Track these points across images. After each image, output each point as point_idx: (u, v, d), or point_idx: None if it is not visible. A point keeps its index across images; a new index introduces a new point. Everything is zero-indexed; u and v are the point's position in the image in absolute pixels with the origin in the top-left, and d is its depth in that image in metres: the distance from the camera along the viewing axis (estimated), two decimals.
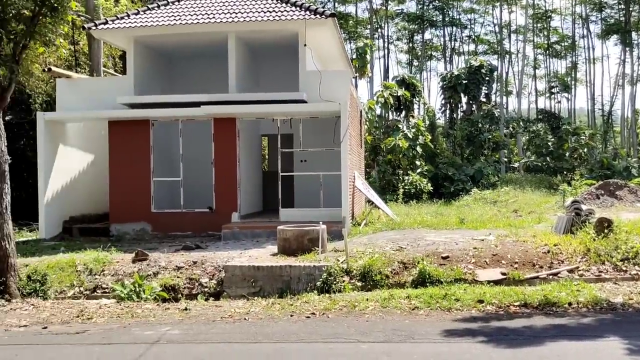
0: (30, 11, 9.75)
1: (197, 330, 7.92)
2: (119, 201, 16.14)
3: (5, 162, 9.86)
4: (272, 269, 10.76)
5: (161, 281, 10.84)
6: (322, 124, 16.72)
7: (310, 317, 8.48)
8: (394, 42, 58.39)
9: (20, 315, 9.16)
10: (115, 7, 23.66)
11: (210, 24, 15.76)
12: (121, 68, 25.88)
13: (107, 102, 16.24)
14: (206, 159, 16.48)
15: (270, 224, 14.97)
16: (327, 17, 15.56)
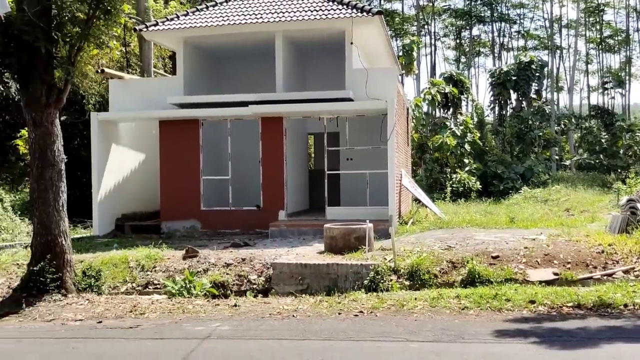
0: (85, 14, 10.03)
1: (246, 327, 8.02)
2: (169, 199, 16.47)
3: (62, 161, 10.18)
4: (319, 267, 10.80)
5: (211, 278, 11.01)
6: (369, 122, 16.67)
7: (358, 316, 8.47)
8: (440, 39, 57.75)
9: (76, 310, 9.45)
10: (165, 9, 24.13)
11: (257, 24, 15.91)
12: (171, 68, 26.38)
13: (157, 102, 16.60)
14: (254, 157, 16.66)
15: (317, 222, 15.02)
16: (374, 14, 15.50)
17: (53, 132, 10.03)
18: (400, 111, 16.97)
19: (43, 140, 9.95)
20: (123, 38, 22.95)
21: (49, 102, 9.96)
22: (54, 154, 10.02)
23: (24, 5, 9.69)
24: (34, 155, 10.06)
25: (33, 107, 9.92)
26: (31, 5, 9.65)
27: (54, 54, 9.95)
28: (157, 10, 23.50)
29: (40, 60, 9.83)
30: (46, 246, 10.04)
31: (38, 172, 9.99)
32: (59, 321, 8.88)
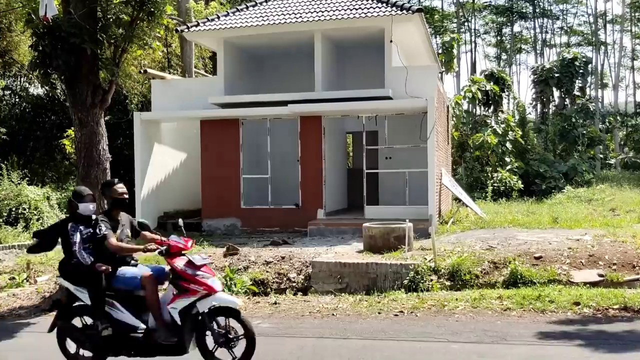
0: (129, 16, 10.25)
1: (287, 325, 8.08)
2: (210, 198, 16.69)
3: (107, 160, 10.42)
4: (359, 266, 10.78)
5: (251, 275, 11.10)
6: (408, 120, 16.56)
7: (398, 315, 8.44)
8: (481, 36, 56.99)
9: None
10: (206, 10, 24.41)
11: (297, 24, 15.98)
12: (211, 68, 26.71)
13: (198, 102, 16.82)
14: (292, 156, 16.74)
15: (356, 221, 15.00)
16: (413, 12, 15.40)
17: (98, 132, 10.28)
18: (440, 109, 16.81)
19: (89, 139, 10.20)
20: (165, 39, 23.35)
21: (95, 102, 10.21)
22: (99, 153, 10.26)
23: (71, 8, 9.97)
24: (80, 154, 10.32)
25: (79, 107, 10.18)
26: (77, 8, 9.92)
27: (99, 55, 10.19)
28: (198, 11, 23.79)
29: (86, 61, 10.09)
30: None
31: (84, 170, 10.25)
32: None
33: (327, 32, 16.45)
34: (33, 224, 15.73)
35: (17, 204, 15.86)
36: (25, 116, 23.72)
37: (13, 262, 13.02)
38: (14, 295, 11.02)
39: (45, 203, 16.68)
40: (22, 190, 16.26)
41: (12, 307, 10.13)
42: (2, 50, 22.03)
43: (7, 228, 15.18)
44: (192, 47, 22.83)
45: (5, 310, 9.97)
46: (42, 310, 9.71)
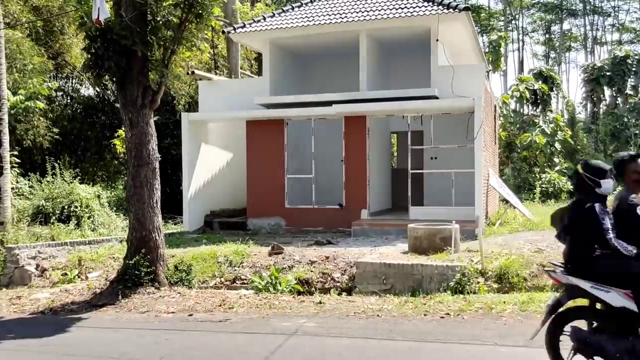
0: (178, 18, 10.41)
1: (331, 324, 8.07)
2: (255, 197, 16.85)
3: (156, 159, 10.61)
4: (404, 267, 10.70)
5: (295, 274, 11.15)
6: (455, 120, 16.36)
7: (445, 317, 8.34)
8: (529, 34, 55.82)
9: (169, 303, 9.83)
10: (252, 11, 24.69)
11: (342, 24, 15.99)
12: (256, 69, 26.96)
13: (244, 102, 17.00)
14: (336, 156, 16.75)
15: (400, 221, 14.91)
16: (460, 11, 15.21)
17: (148, 132, 10.48)
18: (487, 109, 16.55)
19: (139, 139, 10.41)
20: (211, 40, 23.69)
21: (145, 103, 10.41)
22: (149, 153, 10.46)
23: (122, 11, 10.18)
24: (130, 154, 10.54)
25: (130, 108, 10.40)
26: (128, 11, 10.13)
27: (149, 57, 10.38)
28: (244, 13, 24.10)
29: (136, 63, 10.30)
30: (141, 241, 10.50)
31: (134, 170, 10.46)
32: (152, 313, 9.28)
33: (372, 31, 16.40)
34: (84, 222, 16.16)
35: (69, 202, 16.32)
36: (76, 116, 24.40)
37: (65, 259, 13.40)
38: (66, 290, 11.33)
39: (96, 201, 17.12)
40: (74, 189, 16.72)
41: (65, 302, 10.41)
42: (55, 53, 22.70)
43: (60, 225, 15.63)
44: (238, 48, 23.09)
45: (58, 305, 10.26)
46: (93, 305, 9.96)
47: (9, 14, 20.20)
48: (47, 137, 20.06)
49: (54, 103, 23.27)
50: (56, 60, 22.73)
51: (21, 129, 18.82)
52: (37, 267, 13.13)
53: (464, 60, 19.59)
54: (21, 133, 18.92)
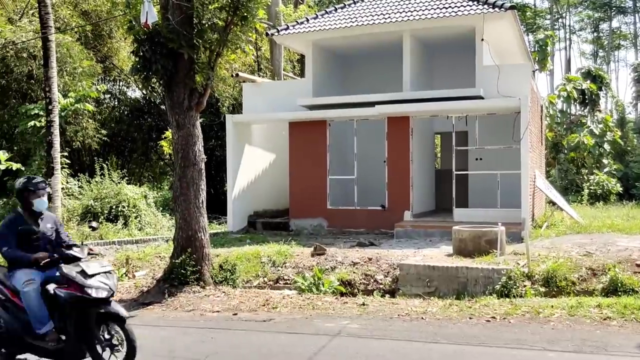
0: (223, 21, 10.53)
1: (375, 326, 8.04)
2: (297, 198, 16.92)
3: (202, 161, 10.77)
4: (448, 270, 10.58)
5: (338, 275, 11.15)
6: (500, 120, 16.09)
7: (490, 321, 8.21)
8: (576, 32, 54.50)
9: (213, 302, 9.96)
10: (295, 13, 24.80)
11: (385, 24, 15.92)
12: (299, 71, 27.09)
13: (287, 104, 17.09)
14: (379, 157, 16.67)
15: (444, 223, 14.76)
16: (506, 10, 14.96)
17: (194, 134, 10.64)
18: (534, 109, 16.23)
19: (185, 141, 10.58)
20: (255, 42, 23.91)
21: (191, 105, 10.58)
22: (195, 154, 10.63)
23: (169, 15, 10.37)
24: (177, 155, 10.72)
25: (176, 110, 10.58)
26: (175, 14, 10.31)
27: (195, 59, 10.54)
28: (287, 15, 24.22)
29: (183, 66, 10.48)
30: (187, 240, 10.67)
31: (181, 171, 10.64)
32: (198, 312, 9.42)
33: (415, 31, 16.29)
34: (131, 221, 16.52)
35: (117, 202, 16.72)
36: (123, 118, 24.95)
37: (113, 257, 13.71)
38: None
39: (143, 201, 17.48)
40: (121, 189, 17.12)
41: None
42: (103, 56, 23.27)
43: (108, 225, 16.03)
44: (281, 50, 23.25)
45: None
46: (140, 303, 10.17)
47: (60, 19, 20.80)
48: (96, 139, 20.56)
49: (102, 105, 23.86)
50: (104, 63, 23.30)
51: (71, 130, 19.35)
52: None
53: (509, 59, 19.27)
54: (71, 135, 19.45)
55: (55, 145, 15.43)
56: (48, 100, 15.51)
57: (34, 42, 18.51)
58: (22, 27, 19.36)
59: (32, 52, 18.77)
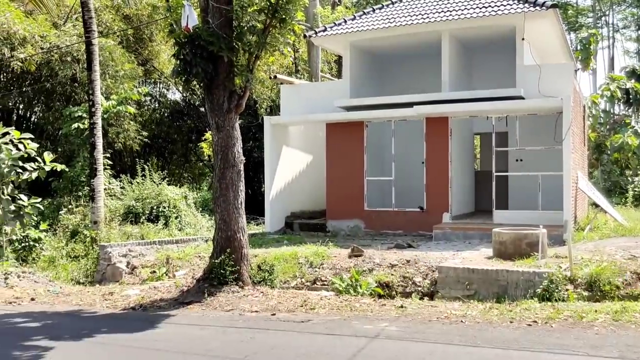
0: (262, 24, 10.62)
1: (414, 329, 7.98)
2: (335, 199, 16.93)
3: (241, 162, 10.87)
4: (488, 273, 10.44)
5: (375, 277, 11.11)
6: (541, 121, 15.81)
7: (532, 325, 8.06)
8: (620, 31, 53.10)
9: (252, 302, 10.03)
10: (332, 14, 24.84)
11: (424, 24, 15.82)
12: (336, 72, 27.11)
13: (324, 105, 17.13)
14: (417, 158, 16.57)
15: (484, 225, 14.58)
16: (548, 8, 14.69)
17: (234, 136, 10.75)
18: (576, 109, 15.89)
19: (225, 143, 10.70)
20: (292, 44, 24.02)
21: (230, 107, 10.69)
22: (234, 156, 10.74)
23: (209, 18, 10.51)
24: (216, 156, 10.85)
25: (216, 112, 10.71)
26: (215, 17, 10.44)
27: (234, 62, 10.65)
28: (324, 16, 24.27)
29: (222, 68, 10.59)
30: (226, 241, 10.78)
31: (220, 172, 10.76)
32: (237, 311, 9.50)
33: (454, 31, 16.13)
34: (172, 222, 16.79)
35: (158, 203, 17.01)
36: (164, 120, 25.38)
37: (154, 257, 13.96)
38: (155, 288, 11.80)
39: (183, 202, 17.75)
40: (162, 190, 17.42)
41: (154, 299, 10.84)
42: (144, 59, 23.71)
43: (149, 225, 16.32)
44: (318, 51, 23.30)
45: (147, 302, 10.70)
46: (180, 303, 10.31)
47: (102, 23, 21.28)
48: (137, 140, 20.96)
49: (143, 107, 24.31)
50: (145, 66, 23.74)
51: (113, 132, 19.77)
52: (128, 264, 13.77)
53: (551, 59, 18.92)
54: (113, 136, 19.87)
55: (98, 146, 15.79)
56: (91, 103, 15.89)
57: (77, 46, 18.98)
58: (66, 32, 19.86)
59: (76, 56, 19.24)
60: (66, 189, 18.12)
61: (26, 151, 14.51)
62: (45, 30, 19.33)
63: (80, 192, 17.51)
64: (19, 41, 18.53)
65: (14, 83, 20.93)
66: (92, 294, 11.93)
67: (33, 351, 7.53)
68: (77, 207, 16.88)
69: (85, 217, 16.25)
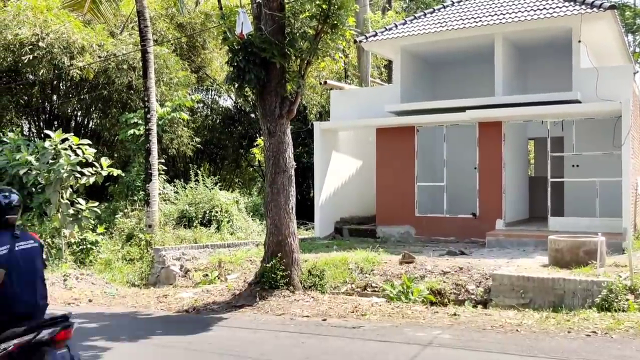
0: (314, 30, 10.68)
1: (468, 337, 7.85)
2: (385, 204, 16.83)
3: (292, 167, 10.95)
4: (544, 281, 10.17)
5: (427, 284, 10.97)
6: (599, 125, 15.34)
7: (591, 336, 7.81)
8: None
9: (303, 306, 10.07)
10: (383, 19, 24.78)
11: (477, 28, 15.59)
12: (386, 77, 27.00)
13: (374, 110, 17.08)
14: (469, 164, 16.31)
15: (538, 232, 14.24)
16: (605, 9, 14.28)
17: (285, 141, 10.84)
18: (635, 112, 15.35)
19: (276, 148, 10.80)
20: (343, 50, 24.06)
21: (282, 113, 10.79)
22: (285, 161, 10.82)
23: (262, 25, 10.65)
24: (268, 162, 10.96)
25: (268, 118, 10.82)
26: (268, 24, 10.57)
27: (286, 68, 10.74)
28: (375, 21, 24.23)
29: (274, 75, 10.71)
30: (277, 245, 10.87)
31: (271, 177, 10.86)
32: (288, 316, 9.55)
33: (508, 34, 15.86)
34: (223, 226, 17.02)
35: (211, 207, 17.29)
36: (215, 127, 25.79)
37: (206, 260, 14.18)
38: (208, 291, 11.98)
39: (235, 206, 17.98)
40: (214, 195, 17.69)
41: (207, 302, 11.01)
42: (197, 67, 24.18)
43: (202, 229, 16.59)
44: (368, 56, 23.26)
45: (200, 305, 10.88)
46: (233, 306, 10.44)
47: (157, 32, 21.82)
48: (190, 146, 21.36)
49: (196, 114, 24.77)
50: (198, 73, 24.19)
51: (167, 138, 20.20)
52: (181, 267, 14.03)
53: (608, 61, 18.36)
54: (167, 142, 20.31)
55: (153, 152, 16.17)
56: (146, 110, 16.29)
57: (133, 54, 19.51)
58: (123, 40, 20.45)
59: (132, 64, 19.77)
60: (122, 193, 18.61)
61: (84, 156, 15.04)
62: (102, 39, 19.96)
63: (136, 196, 17.95)
64: (78, 50, 19.18)
65: (72, 91, 21.66)
66: (147, 296, 12.21)
67: (91, 351, 7.74)
68: (133, 211, 17.31)
69: (140, 221, 16.65)
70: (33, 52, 18.48)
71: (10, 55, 19.05)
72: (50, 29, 18.86)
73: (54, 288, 13.01)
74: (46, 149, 15.01)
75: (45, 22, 18.97)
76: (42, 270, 5.00)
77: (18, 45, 18.64)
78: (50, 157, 14.93)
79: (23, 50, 18.49)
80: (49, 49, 18.65)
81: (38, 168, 14.90)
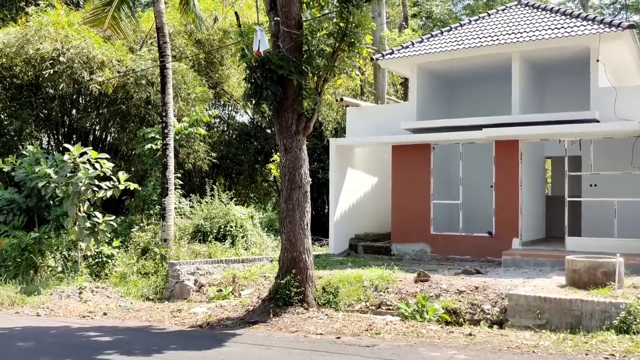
0: (331, 47, 10.76)
1: (484, 358, 7.76)
2: (400, 222, 16.77)
3: (308, 183, 10.98)
4: (561, 302, 10.04)
5: (442, 303, 10.89)
6: (617, 144, 15.21)
7: (609, 359, 7.70)
8: None
9: (317, 324, 10.03)
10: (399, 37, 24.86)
11: (493, 46, 15.59)
12: (402, 94, 27.03)
13: (390, 127, 17.09)
14: (485, 182, 16.23)
15: (555, 252, 14.08)
16: (624, 29, 14.23)
17: (301, 157, 10.88)
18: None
19: (292, 164, 10.84)
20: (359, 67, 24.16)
21: (298, 129, 10.85)
22: (301, 177, 10.85)
23: (279, 42, 10.74)
24: (284, 178, 11.00)
25: (284, 134, 10.88)
26: (285, 42, 10.67)
27: (303, 85, 10.81)
28: (391, 39, 24.32)
29: (291, 92, 10.78)
30: (292, 261, 10.86)
31: (287, 193, 10.89)
32: (302, 333, 9.52)
33: (525, 53, 15.84)
34: (238, 241, 17.03)
35: (226, 222, 17.31)
36: (232, 142, 25.91)
37: (221, 275, 14.19)
38: (221, 306, 11.99)
39: (249, 222, 17.99)
40: (230, 210, 17.72)
41: (220, 318, 11.01)
42: (214, 82, 24.37)
43: (217, 244, 16.61)
44: (385, 74, 23.34)
45: (214, 320, 10.88)
46: (246, 322, 10.42)
47: (176, 48, 22.05)
48: (206, 161, 21.46)
49: (212, 129, 24.91)
50: (215, 89, 24.37)
51: (183, 153, 20.32)
52: (196, 282, 14.05)
53: (627, 80, 18.24)
54: (183, 157, 20.43)
55: (169, 166, 16.26)
56: (164, 125, 16.42)
57: (152, 69, 19.72)
58: (142, 56, 20.67)
59: (150, 79, 19.97)
60: (138, 207, 18.71)
61: (102, 170, 15.18)
62: (122, 54, 20.20)
63: (152, 210, 18.02)
64: (97, 65, 19.43)
65: (92, 105, 21.91)
66: (161, 311, 12.24)
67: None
68: (148, 225, 17.39)
69: (155, 235, 16.72)
70: (54, 66, 18.74)
71: (31, 70, 19.34)
72: (71, 44, 19.13)
73: (70, 301, 13.10)
74: (65, 162, 15.17)
75: (66, 38, 19.25)
76: None
77: (39, 60, 18.92)
78: (69, 171, 15.08)
79: (44, 64, 18.76)
80: (69, 63, 18.91)
81: (56, 181, 15.06)
